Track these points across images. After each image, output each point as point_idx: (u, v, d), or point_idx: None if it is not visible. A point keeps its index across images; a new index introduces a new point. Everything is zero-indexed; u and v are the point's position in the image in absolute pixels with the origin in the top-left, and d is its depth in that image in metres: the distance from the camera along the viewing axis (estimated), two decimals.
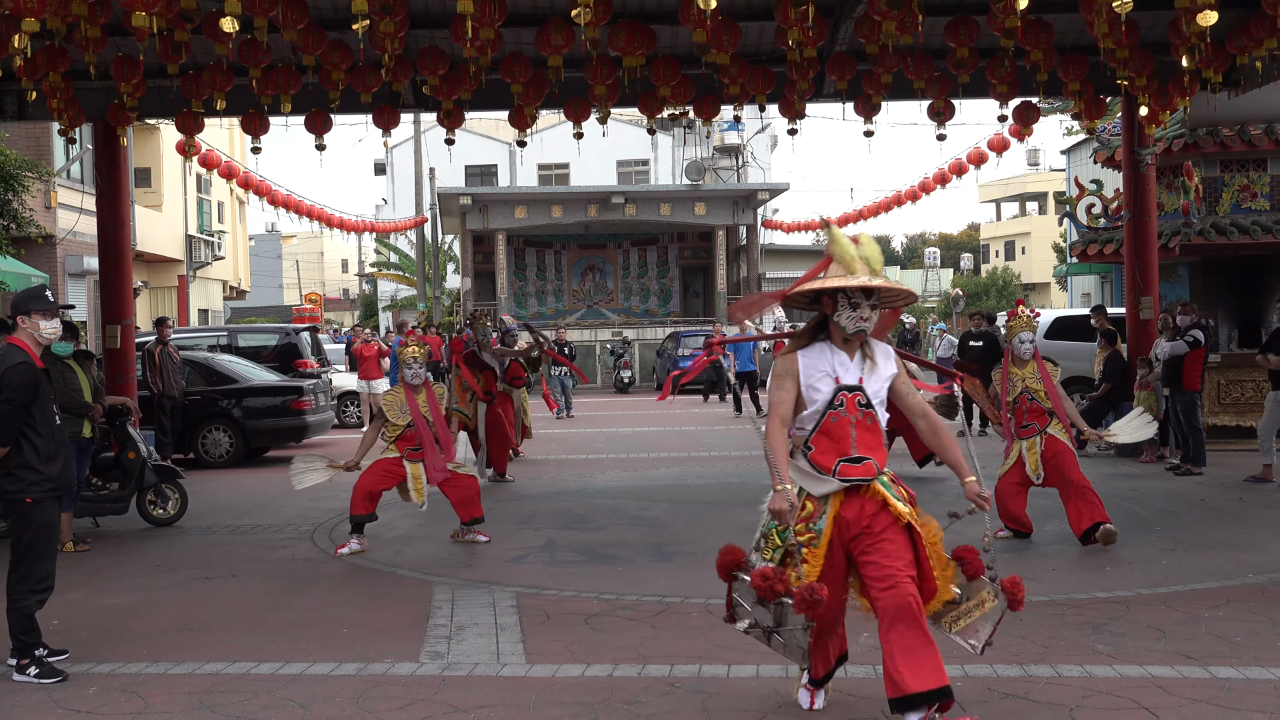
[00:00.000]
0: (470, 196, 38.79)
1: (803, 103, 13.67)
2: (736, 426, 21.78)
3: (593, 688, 5.93)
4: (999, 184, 72.68)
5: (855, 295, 4.88)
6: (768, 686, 5.89)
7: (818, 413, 4.96)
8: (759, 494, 12.87)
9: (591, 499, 12.71)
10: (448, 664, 6.44)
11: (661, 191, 40.87)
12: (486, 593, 8.14)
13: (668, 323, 39.24)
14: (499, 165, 52.19)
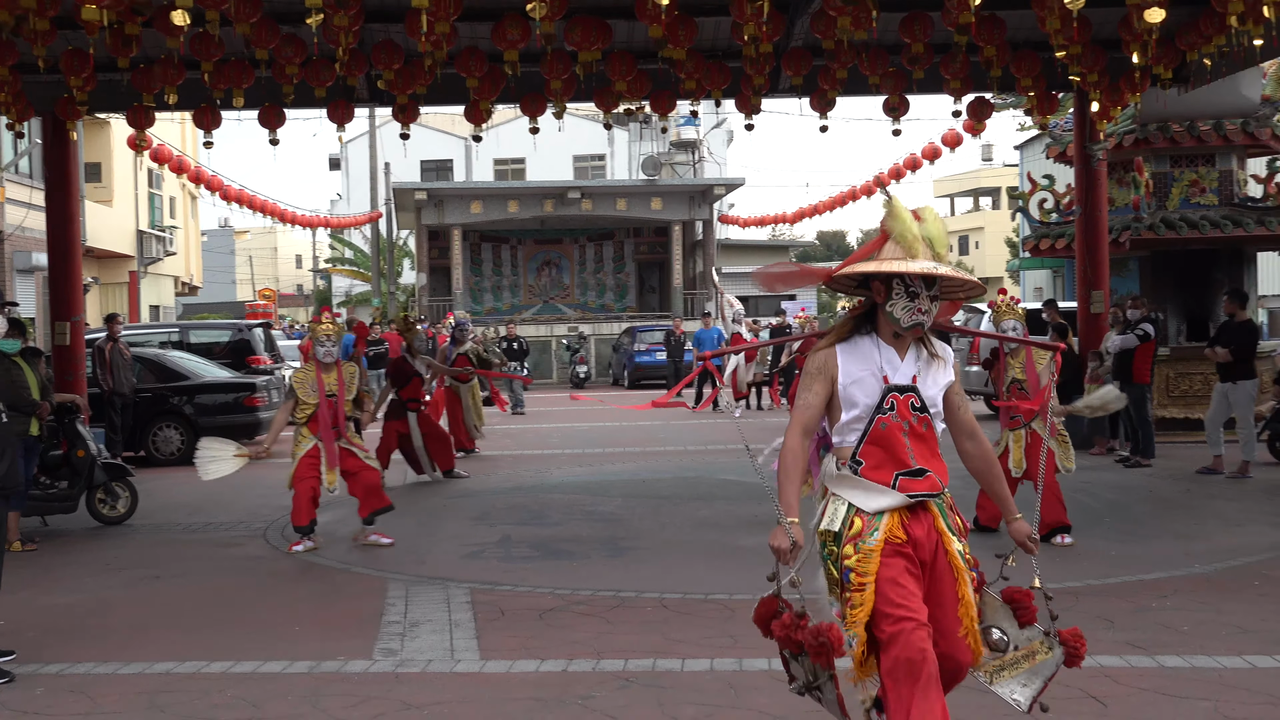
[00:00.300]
0: (426, 192, 38.59)
1: (759, 98, 13.69)
2: (707, 422, 21.79)
3: (547, 683, 5.91)
4: (953, 179, 73.30)
5: (914, 283, 4.01)
6: (722, 680, 5.89)
7: (863, 419, 4.08)
8: (715, 489, 13.01)
9: (547, 494, 12.68)
10: (401, 661, 6.40)
11: (618, 186, 40.82)
12: (441, 589, 8.10)
13: (624, 318, 39.22)
14: (455, 160, 52.01)
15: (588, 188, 39.57)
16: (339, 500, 11.64)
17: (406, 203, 39.27)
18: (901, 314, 4.03)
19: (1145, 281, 17.27)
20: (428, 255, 39.51)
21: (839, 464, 4.14)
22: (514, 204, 38.67)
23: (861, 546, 3.99)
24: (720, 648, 6.45)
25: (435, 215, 38.38)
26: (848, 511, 4.07)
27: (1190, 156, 16.91)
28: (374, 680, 6.06)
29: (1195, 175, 16.87)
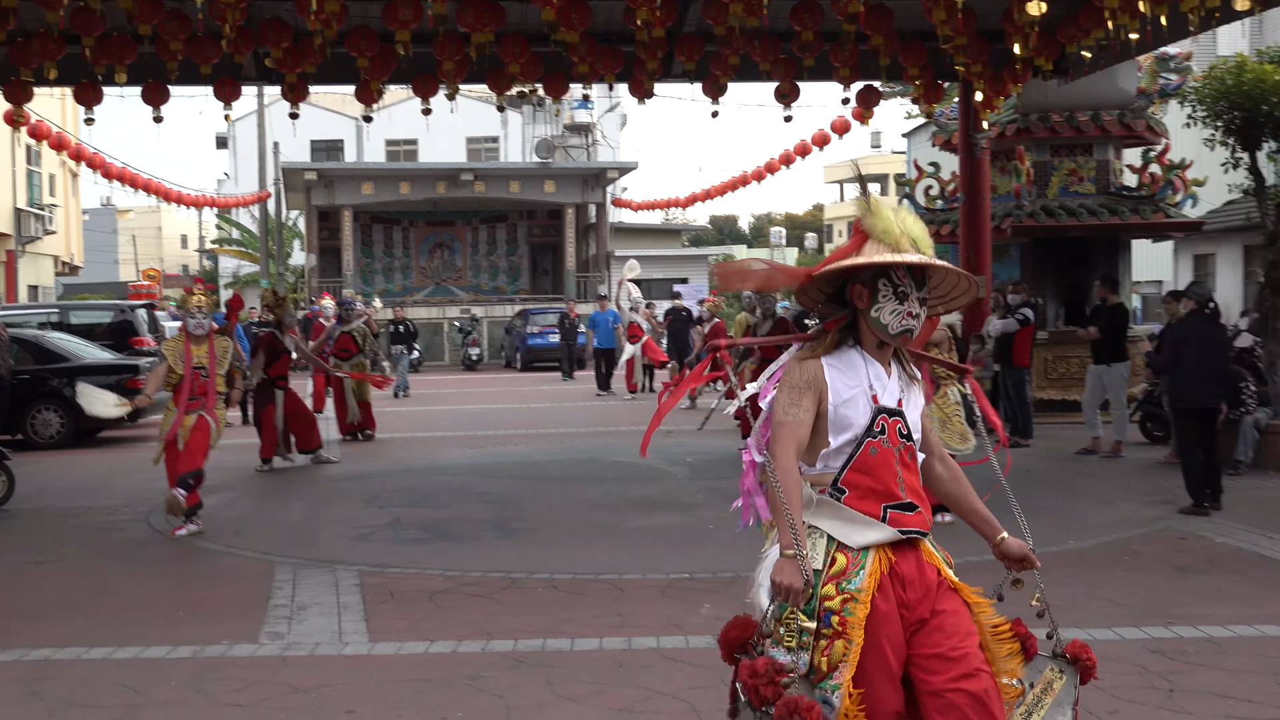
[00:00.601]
0: (316, 172, 38.01)
1: (651, 82, 13.71)
2: (597, 404, 21.84)
3: (436, 664, 5.89)
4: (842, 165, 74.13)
5: (904, 281, 3.49)
6: (610, 659, 5.92)
7: (852, 442, 3.54)
8: (604, 470, 13.04)
9: (437, 476, 12.61)
10: (288, 644, 6.32)
11: (511, 169, 40.63)
12: (329, 572, 8.01)
13: (517, 300, 39.08)
14: (345, 140, 51.27)
15: (481, 170, 39.28)
16: (225, 483, 11.48)
17: (296, 183, 38.62)
18: (890, 319, 3.50)
19: (1026, 267, 17.72)
20: (318, 236, 38.94)
21: (818, 491, 3.57)
22: (406, 185, 38.27)
23: (845, 588, 3.43)
24: (609, 627, 6.49)
25: (325, 196, 37.82)
26: (828, 545, 3.49)
27: (1069, 146, 17.36)
28: (260, 664, 5.98)
29: (1074, 164, 17.33)
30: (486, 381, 29.21)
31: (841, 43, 12.76)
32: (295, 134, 29.32)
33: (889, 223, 3.52)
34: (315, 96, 20.54)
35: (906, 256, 3.47)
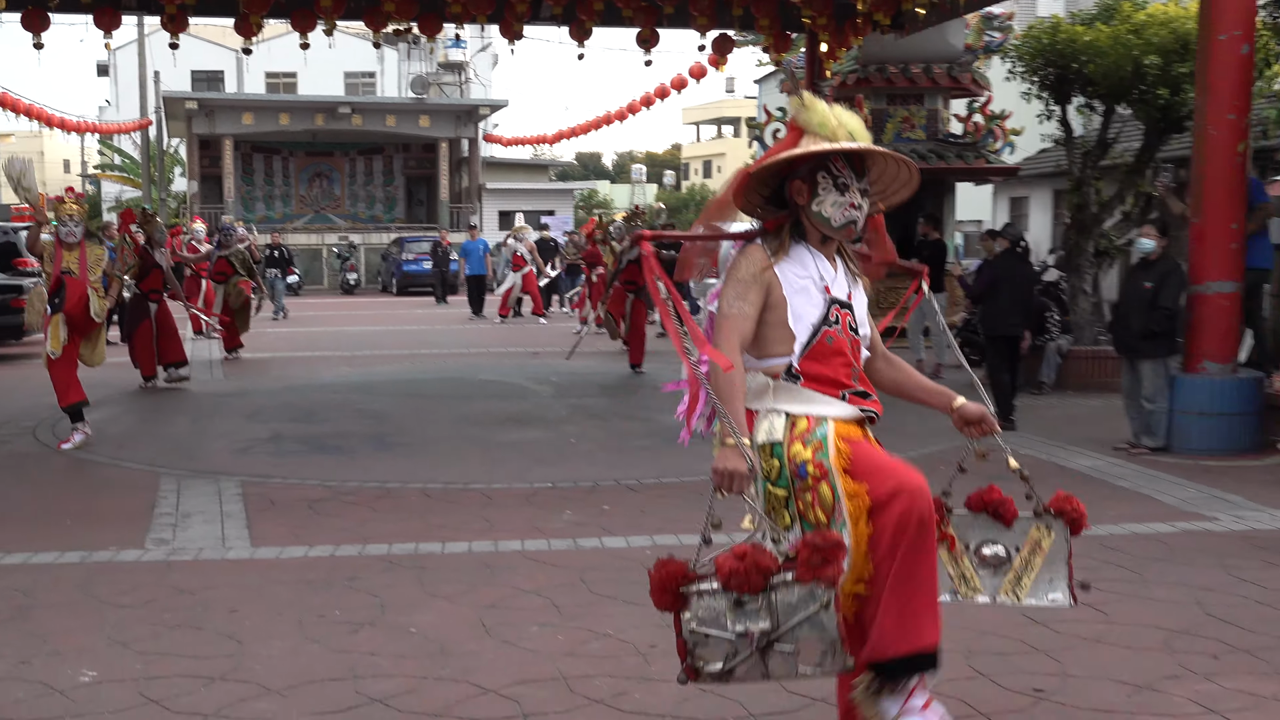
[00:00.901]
0: (196, 102, 36.71)
1: (521, 25, 13.51)
2: (469, 327, 21.69)
3: (315, 566, 5.88)
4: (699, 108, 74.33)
5: (842, 173, 3.18)
6: (479, 560, 5.96)
7: (808, 330, 3.22)
8: (475, 389, 12.99)
9: (317, 394, 12.44)
10: (173, 550, 6.22)
11: (387, 104, 39.78)
12: (212, 482, 7.88)
13: (392, 229, 38.49)
14: (226, 71, 49.39)
15: (358, 104, 38.41)
16: (112, 398, 11.17)
17: (177, 112, 37.24)
18: (832, 211, 3.19)
19: None
20: (199, 164, 37.71)
21: (773, 378, 3.24)
22: (285, 117, 37.21)
23: (812, 440, 3.15)
24: (478, 532, 6.54)
25: (206, 125, 36.59)
26: (786, 420, 3.19)
27: (903, 96, 17.66)
28: (146, 568, 5.89)
29: (907, 113, 17.65)
30: (364, 305, 28.76)
31: None
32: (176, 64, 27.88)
33: (824, 115, 3.20)
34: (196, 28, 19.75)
35: (844, 144, 3.16)
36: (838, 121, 3.18)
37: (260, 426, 10.25)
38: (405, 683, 4.30)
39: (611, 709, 4.05)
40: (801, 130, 3.22)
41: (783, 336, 3.22)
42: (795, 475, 3.11)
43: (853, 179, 3.20)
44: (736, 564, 2.86)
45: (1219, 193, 8.96)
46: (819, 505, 3.08)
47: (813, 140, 3.17)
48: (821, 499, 3.08)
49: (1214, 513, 6.95)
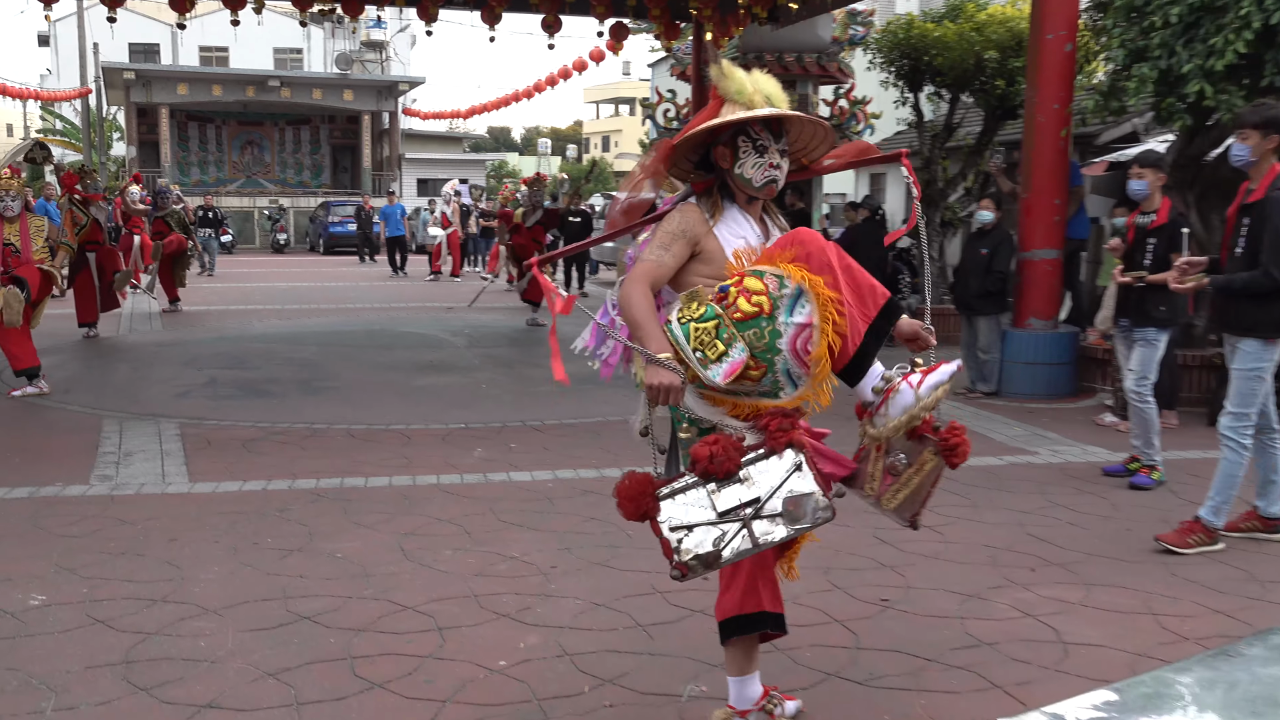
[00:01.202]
0: (134, 72, 35.18)
1: (436, 8, 13.24)
2: (390, 284, 21.33)
3: (249, 499, 5.79)
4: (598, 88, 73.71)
5: (761, 136, 3.04)
6: (398, 493, 5.93)
7: None
8: (395, 339, 12.82)
9: (249, 343, 12.15)
10: (116, 485, 6.06)
11: (314, 78, 38.58)
12: (152, 424, 7.68)
13: (319, 193, 37.54)
14: (162, 44, 47.36)
15: (286, 78, 37.18)
16: (56, 346, 10.79)
17: (116, 81, 35.67)
18: (753, 172, 3.04)
19: None
20: (137, 131, 36.21)
21: None
22: (218, 88, 35.92)
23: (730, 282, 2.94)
24: (397, 467, 6.49)
25: (144, 94, 35.14)
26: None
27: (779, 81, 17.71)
28: (91, 502, 5.73)
29: None
30: (293, 263, 28.07)
31: None
32: (114, 36, 26.73)
33: (742, 83, 3.07)
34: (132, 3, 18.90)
35: (761, 110, 3.02)
36: (754, 88, 3.06)
37: (197, 373, 9.99)
38: (331, 602, 4.27)
39: (516, 622, 4.08)
40: (722, 99, 3.09)
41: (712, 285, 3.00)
42: (719, 299, 2.87)
43: (771, 141, 3.05)
44: (713, 448, 2.77)
45: (1044, 173, 9.20)
46: (747, 294, 2.85)
47: (732, 107, 3.05)
48: (748, 288, 2.85)
49: (1035, 448, 7.21)
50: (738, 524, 2.79)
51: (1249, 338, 4.88)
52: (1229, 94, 7.49)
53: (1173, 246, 6.21)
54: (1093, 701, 1.64)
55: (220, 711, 3.34)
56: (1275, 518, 5.16)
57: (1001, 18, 12.95)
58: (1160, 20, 7.74)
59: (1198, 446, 7.22)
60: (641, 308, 2.90)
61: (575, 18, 14.29)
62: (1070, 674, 3.64)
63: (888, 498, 3.14)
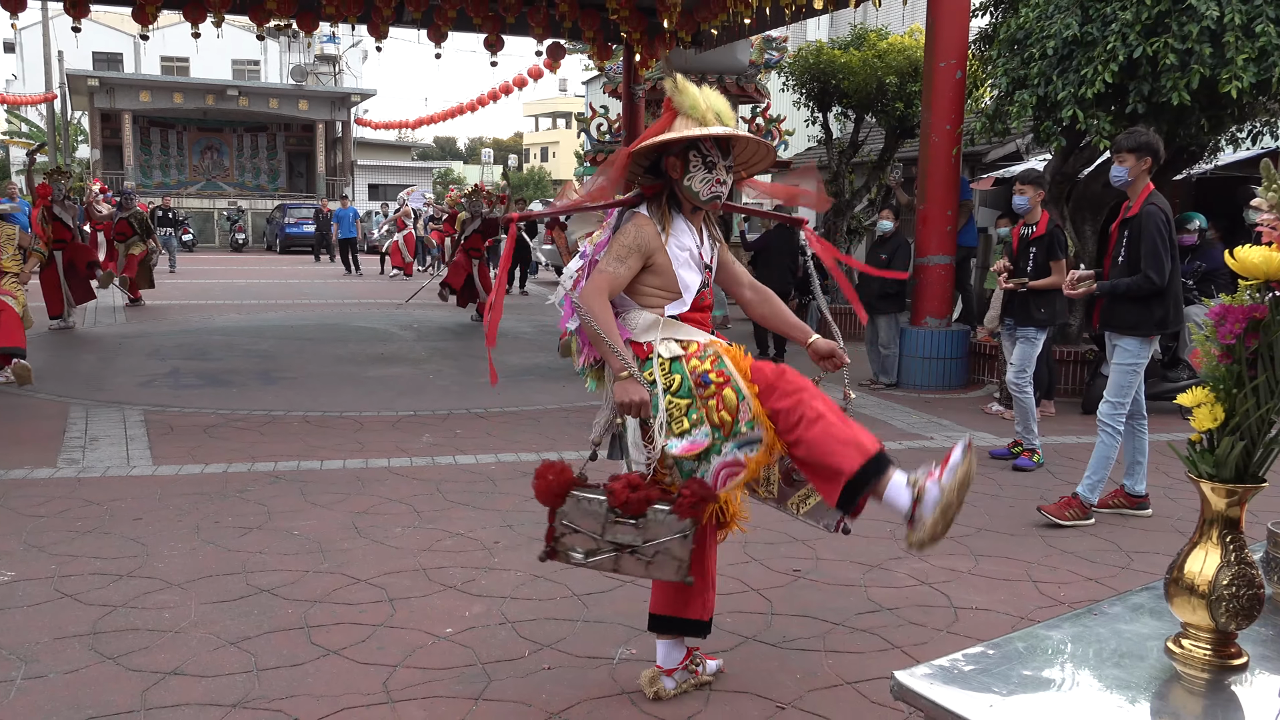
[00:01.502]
0: (98, 79, 34.11)
1: (386, 26, 13.07)
2: (344, 281, 20.99)
3: (210, 481, 5.67)
4: (537, 103, 73.28)
5: (711, 151, 3.01)
6: (352, 475, 5.86)
7: (692, 294, 3.09)
8: (349, 333, 12.63)
9: (210, 336, 11.88)
10: (83, 468, 5.89)
11: (270, 89, 37.78)
12: (117, 411, 7.48)
13: (276, 196, 36.82)
14: (125, 53, 45.98)
15: (244, 88, 36.37)
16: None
17: (80, 87, 34.58)
18: (700, 187, 3.01)
19: None
20: (101, 135, 35.16)
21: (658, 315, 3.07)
22: (179, 96, 35.01)
23: (706, 354, 2.97)
24: (351, 452, 6.41)
25: (107, 100, 34.11)
26: (679, 343, 3.02)
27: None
28: (58, 484, 5.57)
29: None
30: (251, 261, 27.50)
31: (536, 7, 12.60)
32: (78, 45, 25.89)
33: (695, 99, 3.00)
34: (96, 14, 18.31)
35: (712, 130, 2.97)
36: (706, 105, 3.00)
37: (160, 363, 9.75)
38: (289, 576, 4.21)
39: (462, 592, 4.06)
40: (676, 112, 3.04)
41: (663, 295, 3.05)
42: (698, 384, 2.90)
43: (719, 157, 3.02)
44: (629, 494, 2.85)
45: (938, 187, 9.38)
46: (724, 407, 2.88)
47: (685, 122, 3.00)
48: (725, 400, 2.88)
49: (931, 434, 7.36)
50: (613, 551, 2.91)
51: (1129, 336, 5.04)
52: (1098, 119, 7.72)
53: (1051, 254, 6.40)
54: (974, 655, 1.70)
55: (184, 678, 3.28)
56: (1140, 495, 5.35)
57: (900, 47, 13.16)
58: (1038, 52, 7.94)
59: (1072, 432, 7.44)
60: (604, 320, 2.92)
61: (515, 37, 14.21)
62: (960, 635, 3.74)
63: (795, 503, 3.10)
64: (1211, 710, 1.56)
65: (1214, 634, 1.67)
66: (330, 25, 13.20)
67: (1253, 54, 7.07)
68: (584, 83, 44.75)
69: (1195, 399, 1.68)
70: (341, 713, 3.07)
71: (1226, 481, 1.65)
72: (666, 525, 2.88)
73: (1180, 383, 7.93)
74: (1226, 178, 11.15)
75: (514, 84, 25.05)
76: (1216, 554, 1.67)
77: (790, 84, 13.98)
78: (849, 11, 18.46)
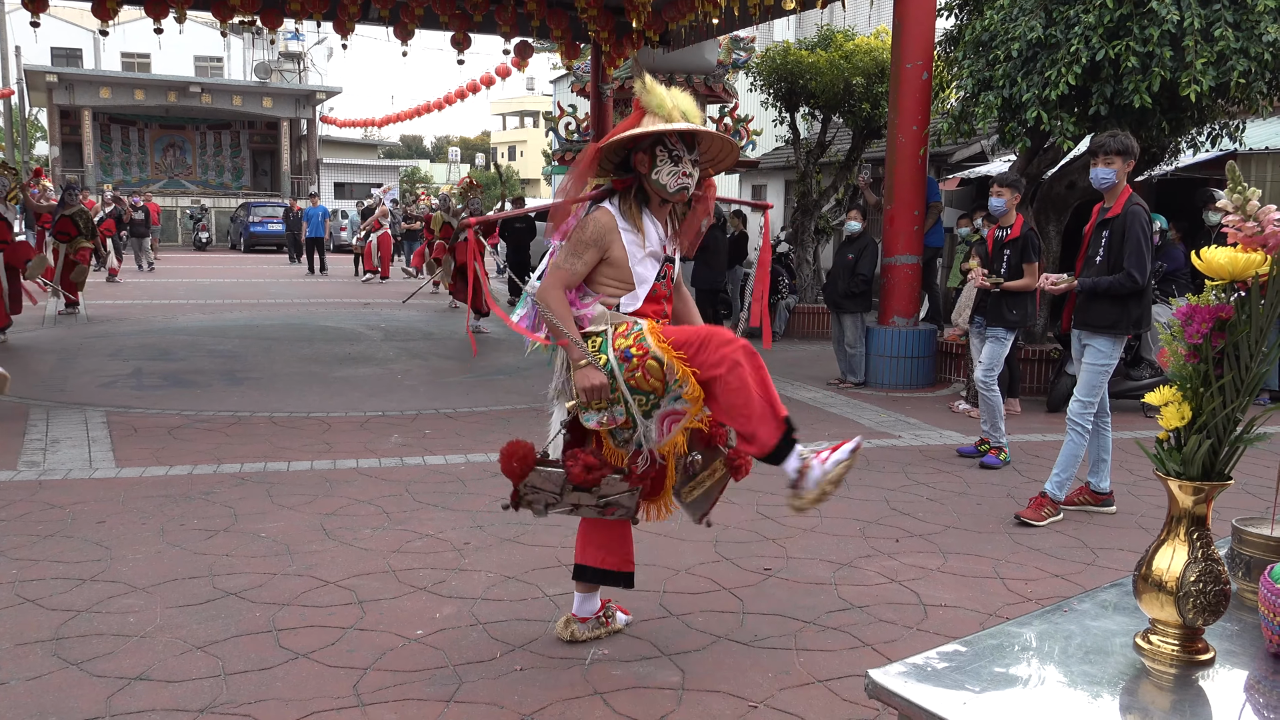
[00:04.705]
0: (57, 75, 33.54)
1: (352, 23, 12.94)
2: (310, 281, 20.80)
3: (175, 483, 5.59)
4: (504, 101, 73.02)
5: (677, 146, 3.15)
6: (319, 476, 5.81)
7: (645, 289, 3.24)
8: (315, 333, 12.52)
9: (174, 336, 11.73)
10: (44, 471, 5.79)
11: (234, 85, 37.32)
12: (79, 412, 7.37)
13: (240, 195, 36.40)
14: (85, 49, 45.26)
15: (207, 84, 35.89)
16: None
17: (38, 83, 33.98)
18: (668, 179, 3.15)
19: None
20: (60, 132, 34.57)
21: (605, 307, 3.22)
22: (140, 93, 34.49)
23: (631, 333, 3.12)
24: (318, 452, 6.36)
25: (67, 97, 33.55)
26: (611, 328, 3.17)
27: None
28: (19, 487, 5.47)
29: None
30: (215, 260, 27.18)
31: (503, 5, 12.53)
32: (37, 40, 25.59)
33: (662, 98, 3.16)
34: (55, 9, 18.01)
35: (677, 125, 3.13)
36: (673, 103, 3.16)
37: (122, 364, 9.61)
38: (256, 578, 4.17)
39: (432, 594, 4.04)
40: (644, 110, 3.18)
41: (617, 285, 3.22)
42: (622, 359, 3.07)
43: (685, 152, 3.17)
44: (585, 475, 3.13)
45: (905, 187, 9.45)
46: (650, 375, 3.05)
47: (652, 119, 3.15)
48: (649, 370, 3.05)
49: (899, 432, 7.42)
50: (569, 506, 3.24)
51: (1103, 335, 5.10)
52: (1062, 120, 7.81)
53: (1025, 257, 6.46)
54: (947, 653, 1.71)
55: (149, 683, 3.23)
56: (1104, 492, 5.42)
57: (867, 48, 13.24)
58: (1003, 54, 8.02)
59: (1037, 430, 7.53)
60: (560, 314, 3.13)
61: (483, 36, 14.13)
62: (930, 632, 3.77)
63: (686, 491, 3.41)
64: (1179, 705, 1.58)
65: (1181, 630, 1.69)
66: (295, 22, 13.06)
67: (1211, 58, 7.19)
68: (552, 81, 44.63)
69: (1163, 398, 1.70)
70: (311, 716, 3.04)
71: (1194, 479, 1.68)
72: (616, 487, 3.19)
73: (1143, 381, 8.04)
74: (1186, 179, 11.33)
75: (481, 82, 24.94)
76: (1184, 551, 1.69)
77: (758, 84, 14.02)
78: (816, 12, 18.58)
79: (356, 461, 6.14)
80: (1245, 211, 1.72)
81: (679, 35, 13.60)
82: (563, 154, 19.29)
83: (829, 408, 8.30)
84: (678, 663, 3.46)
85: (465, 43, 13.61)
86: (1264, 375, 1.66)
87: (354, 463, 6.10)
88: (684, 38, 13.63)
